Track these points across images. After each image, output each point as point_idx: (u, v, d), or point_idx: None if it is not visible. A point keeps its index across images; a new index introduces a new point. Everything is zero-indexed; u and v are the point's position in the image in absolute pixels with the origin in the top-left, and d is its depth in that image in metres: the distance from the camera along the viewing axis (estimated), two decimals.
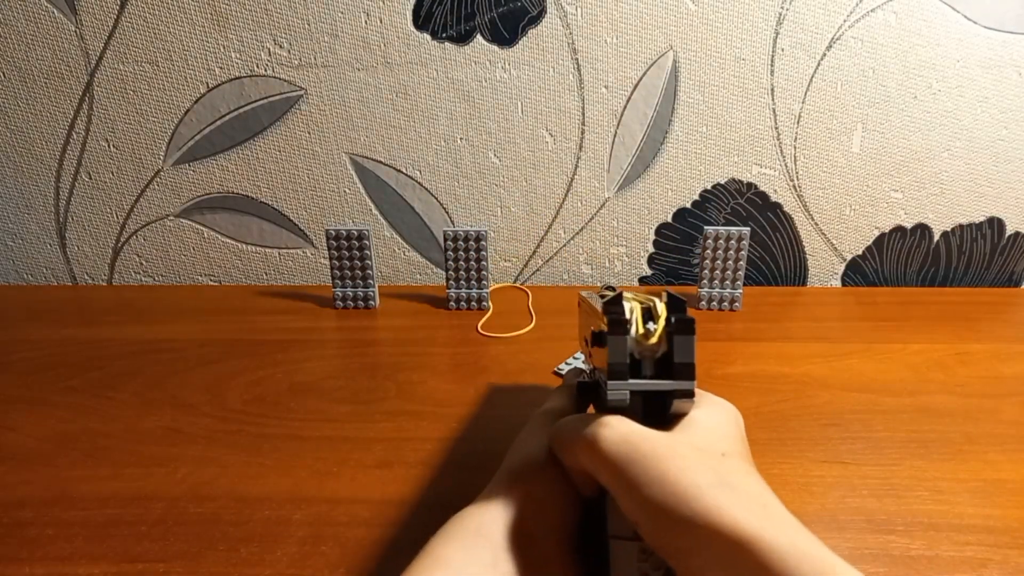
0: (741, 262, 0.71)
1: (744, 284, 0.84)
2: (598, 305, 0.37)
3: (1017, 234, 0.81)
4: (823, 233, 0.81)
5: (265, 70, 0.75)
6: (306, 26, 0.73)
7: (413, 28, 0.73)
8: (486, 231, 0.71)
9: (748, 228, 0.71)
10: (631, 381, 0.34)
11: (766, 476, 0.50)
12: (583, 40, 0.73)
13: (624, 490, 0.32)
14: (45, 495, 0.49)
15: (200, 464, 0.52)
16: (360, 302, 0.76)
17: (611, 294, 0.37)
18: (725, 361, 0.65)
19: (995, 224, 0.81)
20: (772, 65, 0.73)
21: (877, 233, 0.81)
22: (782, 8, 0.71)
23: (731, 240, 0.71)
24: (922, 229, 0.81)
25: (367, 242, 0.73)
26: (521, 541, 0.34)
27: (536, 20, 0.72)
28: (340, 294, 0.75)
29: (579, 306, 0.49)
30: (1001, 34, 0.71)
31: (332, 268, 0.74)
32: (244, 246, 0.84)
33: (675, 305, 0.35)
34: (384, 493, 0.49)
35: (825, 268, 0.84)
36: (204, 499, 0.48)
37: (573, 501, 0.36)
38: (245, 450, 0.53)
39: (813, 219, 0.81)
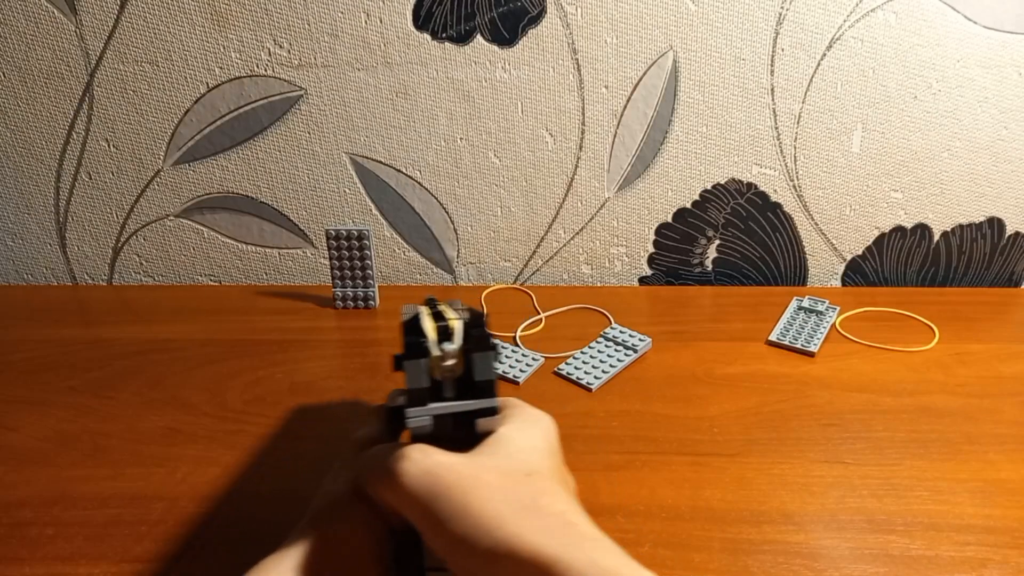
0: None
1: (744, 284, 0.84)
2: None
3: (1017, 234, 0.81)
4: (823, 233, 0.81)
5: (265, 70, 0.75)
6: (306, 26, 0.73)
7: (413, 28, 0.73)
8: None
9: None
10: (432, 405, 0.33)
11: (766, 476, 0.51)
12: (583, 40, 0.73)
13: (429, 527, 0.30)
14: (45, 495, 0.49)
15: (200, 464, 0.52)
16: (360, 302, 0.76)
17: (425, 310, 0.35)
18: (725, 361, 0.65)
19: (995, 224, 0.81)
20: (772, 65, 0.73)
21: (877, 233, 0.81)
22: (782, 8, 0.71)
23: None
24: (922, 229, 0.81)
25: (367, 242, 0.73)
26: None
27: (536, 20, 0.72)
28: (340, 294, 0.75)
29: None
30: (1001, 34, 0.71)
31: (332, 268, 0.74)
32: (244, 246, 0.84)
33: (474, 321, 0.33)
34: None
35: (825, 268, 0.84)
36: (204, 499, 0.48)
37: (385, 537, 0.34)
38: (245, 450, 0.53)
39: (813, 219, 0.81)
